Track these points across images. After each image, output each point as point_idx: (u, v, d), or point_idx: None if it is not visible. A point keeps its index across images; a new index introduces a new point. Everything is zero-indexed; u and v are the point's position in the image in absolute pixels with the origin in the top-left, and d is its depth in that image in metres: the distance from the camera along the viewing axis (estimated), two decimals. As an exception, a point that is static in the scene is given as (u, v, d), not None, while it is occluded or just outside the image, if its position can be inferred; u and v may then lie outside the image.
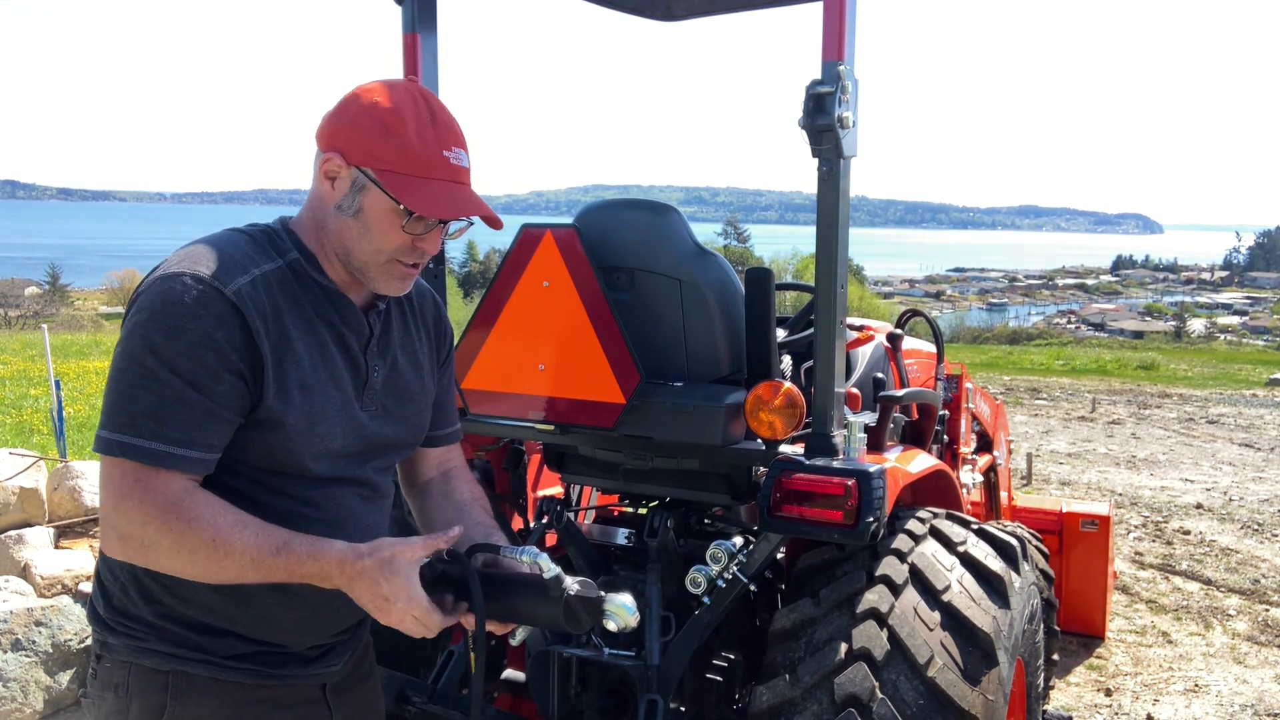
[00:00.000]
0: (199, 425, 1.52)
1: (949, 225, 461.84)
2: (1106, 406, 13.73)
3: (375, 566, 1.56)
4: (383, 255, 1.65)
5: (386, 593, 1.55)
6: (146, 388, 1.50)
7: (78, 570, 4.61)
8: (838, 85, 2.20)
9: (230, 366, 1.53)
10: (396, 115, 1.60)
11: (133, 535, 1.52)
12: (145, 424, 1.49)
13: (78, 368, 12.53)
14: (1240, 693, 4.65)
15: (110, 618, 1.71)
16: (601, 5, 3.42)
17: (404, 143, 1.59)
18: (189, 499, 1.52)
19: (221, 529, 1.52)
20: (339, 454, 1.71)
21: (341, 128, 1.62)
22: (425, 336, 1.91)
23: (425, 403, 1.90)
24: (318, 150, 1.65)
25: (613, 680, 2.62)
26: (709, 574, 2.48)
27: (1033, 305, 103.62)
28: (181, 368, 1.50)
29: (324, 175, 1.63)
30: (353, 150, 1.60)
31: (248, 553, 1.53)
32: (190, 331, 1.50)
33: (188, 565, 1.54)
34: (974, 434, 4.62)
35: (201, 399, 1.51)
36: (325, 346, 1.68)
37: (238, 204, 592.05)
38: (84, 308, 51.87)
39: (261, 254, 1.63)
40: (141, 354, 1.50)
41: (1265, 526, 7.47)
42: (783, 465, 2.34)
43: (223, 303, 1.52)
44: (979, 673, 2.25)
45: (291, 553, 1.56)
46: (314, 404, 1.64)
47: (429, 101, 1.64)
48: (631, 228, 2.65)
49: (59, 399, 6.48)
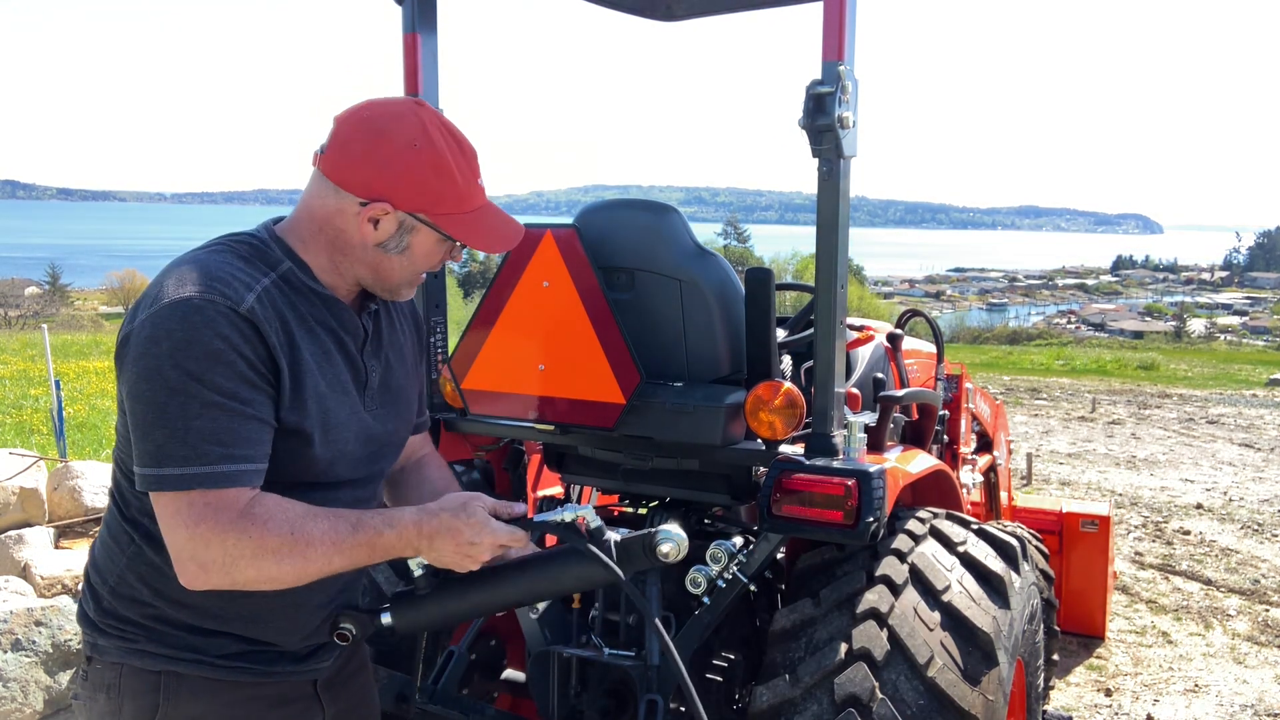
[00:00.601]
0: (255, 438, 1.55)
1: (949, 225, 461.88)
2: (1106, 407, 13.73)
3: (452, 516, 1.63)
4: (416, 276, 1.75)
5: (470, 536, 1.63)
6: (200, 414, 1.49)
7: (77, 570, 4.61)
8: (838, 85, 2.19)
9: (263, 378, 1.56)
10: (439, 157, 1.64)
11: (213, 559, 1.51)
12: (212, 449, 1.49)
13: (78, 368, 12.53)
14: (1240, 693, 4.66)
15: (100, 619, 1.71)
16: (601, 5, 3.42)
17: (451, 183, 1.65)
18: (258, 504, 1.54)
19: (296, 522, 1.55)
20: (350, 457, 1.74)
21: (385, 175, 1.62)
22: (407, 328, 1.96)
23: (413, 395, 1.95)
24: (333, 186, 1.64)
25: (613, 680, 2.62)
26: (709, 574, 2.48)
27: (1033, 305, 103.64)
28: (226, 387, 1.50)
29: (365, 219, 1.64)
30: (402, 198, 1.63)
31: (327, 538, 1.56)
32: (223, 351, 1.50)
33: (274, 567, 1.53)
34: (974, 434, 4.62)
35: (251, 411, 1.53)
36: (329, 353, 1.70)
37: (237, 204, 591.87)
38: (84, 308, 51.86)
39: (256, 269, 1.63)
40: (183, 383, 1.49)
41: (1265, 526, 7.47)
42: (783, 465, 2.34)
43: (241, 320, 1.53)
44: (979, 673, 2.25)
45: (368, 527, 1.59)
46: (327, 410, 1.67)
47: (451, 131, 1.68)
48: (631, 228, 2.65)
49: (59, 399, 6.49)
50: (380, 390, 1.81)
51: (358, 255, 1.68)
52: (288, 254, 1.68)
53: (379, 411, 1.81)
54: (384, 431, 1.83)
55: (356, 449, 1.75)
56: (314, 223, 1.68)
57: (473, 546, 1.64)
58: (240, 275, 1.59)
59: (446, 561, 1.66)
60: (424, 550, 1.64)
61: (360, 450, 1.77)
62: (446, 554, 1.64)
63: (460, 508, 1.65)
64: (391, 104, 1.67)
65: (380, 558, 1.62)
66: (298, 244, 1.69)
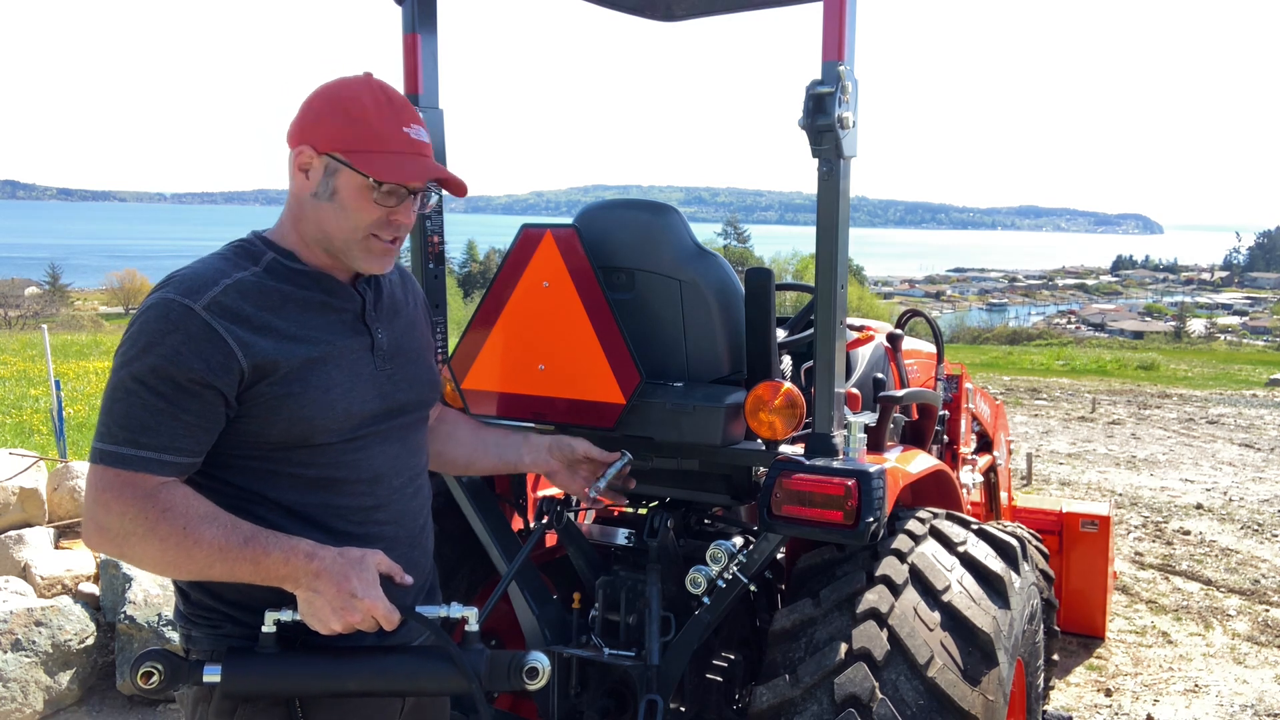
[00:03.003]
0: (166, 430, 1.63)
1: (949, 225, 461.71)
2: (1106, 407, 13.73)
3: (347, 563, 1.67)
4: (359, 231, 1.77)
5: (356, 589, 1.65)
6: (118, 399, 1.64)
7: (78, 570, 4.61)
8: (838, 85, 2.19)
9: (195, 378, 1.63)
10: (355, 100, 1.75)
11: (109, 526, 1.62)
12: (119, 432, 1.63)
13: (78, 368, 12.53)
14: (1240, 693, 4.66)
15: (190, 611, 1.80)
16: (601, 5, 3.42)
17: (365, 123, 1.74)
18: (164, 492, 1.63)
19: (192, 520, 1.61)
20: (361, 417, 1.81)
21: (307, 122, 1.76)
22: (413, 300, 2.05)
23: (429, 360, 2.03)
24: (290, 150, 1.78)
25: (613, 680, 2.62)
26: (709, 574, 2.48)
27: (1033, 305, 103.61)
28: (147, 379, 1.62)
29: (297, 168, 1.77)
30: (320, 139, 1.74)
31: (215, 543, 1.61)
32: (158, 347, 1.62)
33: (158, 554, 1.62)
34: (974, 434, 4.62)
35: (173, 410, 1.63)
36: (323, 324, 1.79)
37: (238, 204, 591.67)
38: (84, 308, 51.87)
39: (233, 266, 1.74)
40: (120, 372, 1.65)
41: (1265, 527, 7.48)
42: (783, 465, 2.34)
43: (192, 319, 1.64)
44: (979, 673, 2.25)
45: (259, 545, 1.64)
46: (323, 374, 1.75)
47: (384, 88, 1.79)
48: (631, 228, 2.65)
49: (59, 399, 6.49)
50: (393, 352, 1.90)
51: (307, 214, 1.78)
52: (270, 247, 1.80)
53: (391, 374, 1.88)
54: (396, 395, 1.89)
55: (366, 408, 1.81)
56: (287, 207, 1.83)
57: (353, 600, 1.65)
58: (213, 274, 1.71)
59: (317, 609, 1.66)
60: (305, 585, 1.65)
61: (371, 410, 1.83)
62: (324, 598, 1.65)
63: (358, 559, 1.69)
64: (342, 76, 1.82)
65: (263, 578, 1.65)
66: (278, 237, 1.83)
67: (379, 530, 1.85)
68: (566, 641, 2.70)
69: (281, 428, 1.71)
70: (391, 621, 1.69)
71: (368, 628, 1.69)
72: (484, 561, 2.95)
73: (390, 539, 1.86)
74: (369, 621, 1.68)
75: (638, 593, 2.65)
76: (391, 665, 1.73)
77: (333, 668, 1.71)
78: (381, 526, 1.86)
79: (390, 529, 1.87)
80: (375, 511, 1.85)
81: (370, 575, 1.68)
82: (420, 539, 1.97)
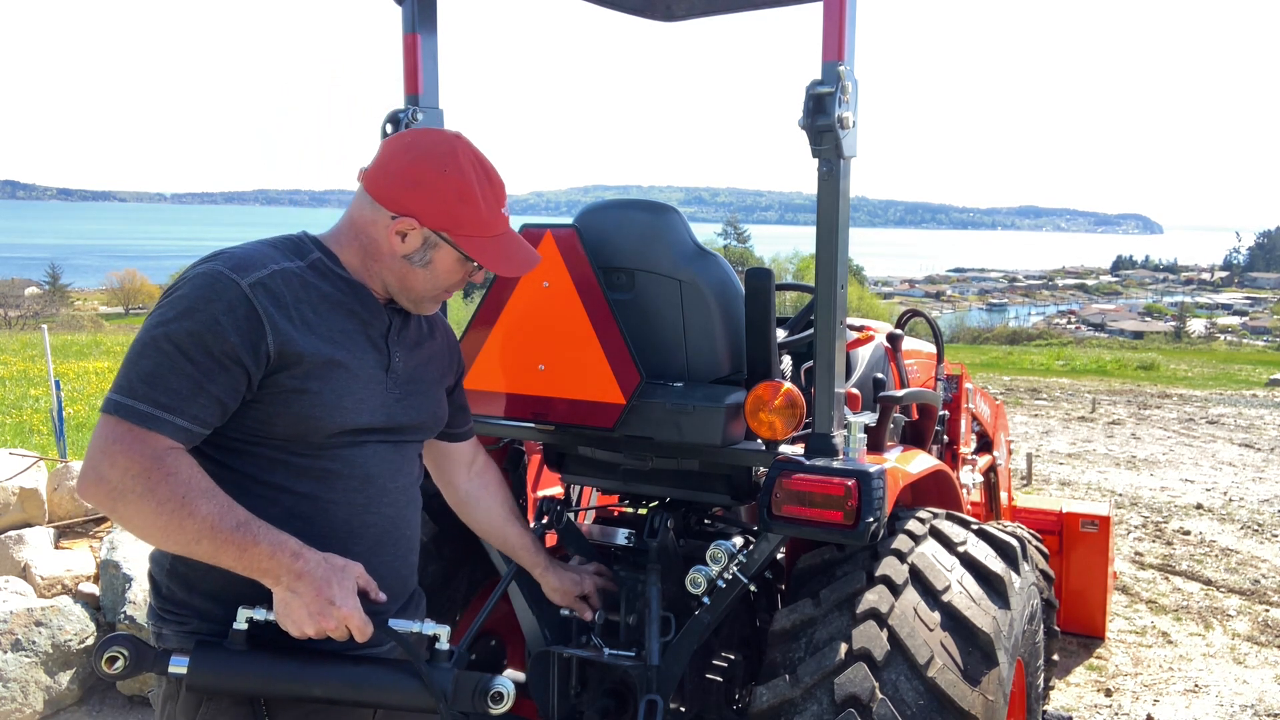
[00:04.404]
0: (188, 395, 1.63)
1: (949, 225, 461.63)
2: (1106, 407, 13.73)
3: (330, 569, 1.69)
4: (440, 291, 1.92)
5: (334, 596, 1.67)
6: (146, 355, 1.65)
7: (78, 570, 4.61)
8: (838, 85, 2.20)
9: (228, 350, 1.65)
10: (462, 177, 1.83)
11: (110, 479, 1.60)
12: (140, 387, 1.63)
13: (78, 368, 12.52)
14: (1240, 693, 4.66)
15: (161, 607, 1.81)
16: (601, 5, 3.42)
17: (474, 206, 1.84)
18: (172, 456, 1.63)
19: (193, 491, 1.62)
20: (364, 429, 1.84)
21: (415, 194, 1.82)
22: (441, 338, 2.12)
23: (439, 395, 2.07)
24: (371, 198, 1.84)
25: (613, 680, 2.62)
26: (709, 574, 2.48)
27: (1033, 305, 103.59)
28: (181, 342, 1.64)
29: (394, 232, 1.83)
30: (427, 215, 1.83)
31: (208, 520, 1.61)
32: (200, 313, 1.65)
33: (151, 517, 1.61)
34: (974, 434, 4.62)
35: (199, 377, 1.63)
36: (350, 331, 1.83)
37: (238, 204, 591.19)
38: (84, 308, 51.88)
39: (283, 256, 1.80)
40: (154, 330, 1.66)
41: (1265, 527, 7.48)
42: (783, 465, 2.34)
43: (237, 294, 1.68)
44: (979, 673, 2.25)
45: (250, 532, 1.64)
46: (340, 379, 1.78)
47: (482, 162, 1.88)
48: (631, 228, 2.65)
49: (59, 399, 6.48)
50: (404, 377, 1.94)
51: (386, 263, 1.87)
52: (320, 249, 1.87)
53: (400, 396, 1.92)
54: (403, 415, 1.93)
55: (371, 421, 1.85)
56: (352, 229, 1.88)
57: (330, 606, 1.67)
58: (262, 258, 1.76)
59: (293, 610, 1.67)
60: (285, 584, 1.67)
61: (375, 423, 1.87)
62: (301, 600, 1.67)
63: (341, 568, 1.72)
64: (433, 133, 1.89)
65: (245, 567, 1.65)
66: (333, 244, 1.89)
67: (364, 530, 1.86)
68: (566, 641, 2.70)
69: (288, 421, 1.74)
70: (365, 633, 1.70)
71: (339, 636, 1.70)
72: (484, 562, 2.95)
73: (375, 541, 1.87)
74: (342, 630, 1.69)
75: (638, 593, 2.65)
76: (359, 675, 1.73)
77: (300, 671, 1.71)
78: (368, 527, 1.87)
79: (375, 531, 1.88)
80: (364, 511, 1.86)
81: (350, 585, 1.71)
82: (405, 550, 1.98)
